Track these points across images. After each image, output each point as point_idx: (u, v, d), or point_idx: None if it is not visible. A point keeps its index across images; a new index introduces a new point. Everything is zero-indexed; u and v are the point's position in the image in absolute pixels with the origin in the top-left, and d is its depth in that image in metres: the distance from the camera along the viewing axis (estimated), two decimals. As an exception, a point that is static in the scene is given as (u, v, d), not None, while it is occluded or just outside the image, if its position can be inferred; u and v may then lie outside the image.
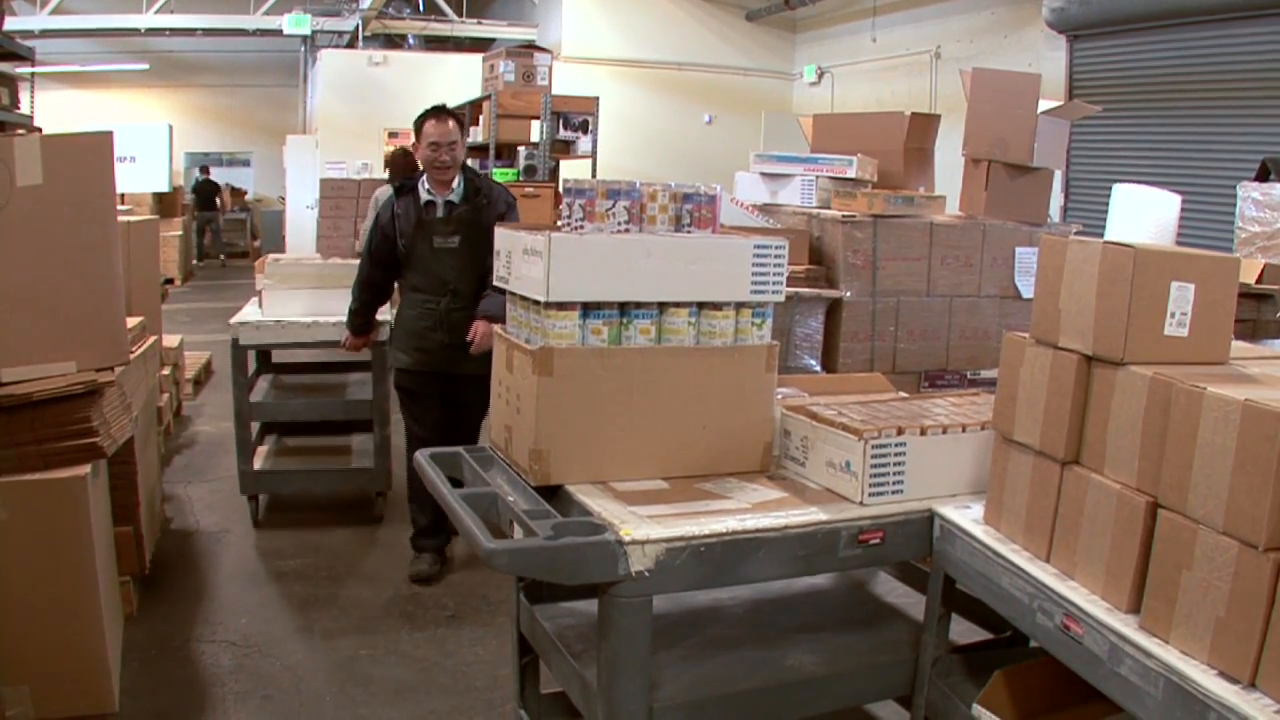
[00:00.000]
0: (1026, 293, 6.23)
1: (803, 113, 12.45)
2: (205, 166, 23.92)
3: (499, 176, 11.75)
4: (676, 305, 3.22)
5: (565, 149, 12.19)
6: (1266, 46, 10.92)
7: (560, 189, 10.98)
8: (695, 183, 3.40)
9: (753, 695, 3.17)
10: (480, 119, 12.95)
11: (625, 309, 3.18)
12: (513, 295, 3.36)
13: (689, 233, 3.30)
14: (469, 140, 13.47)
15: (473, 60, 15.27)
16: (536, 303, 3.14)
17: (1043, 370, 2.78)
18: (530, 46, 14.07)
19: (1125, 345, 2.54)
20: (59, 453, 4.02)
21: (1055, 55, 13.37)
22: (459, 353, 5.30)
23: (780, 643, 3.43)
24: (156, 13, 19.59)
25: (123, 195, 14.26)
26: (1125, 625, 2.42)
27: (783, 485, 3.26)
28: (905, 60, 16.65)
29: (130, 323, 5.01)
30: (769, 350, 3.35)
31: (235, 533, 6.28)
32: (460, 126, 5.64)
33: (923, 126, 6.95)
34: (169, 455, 7.78)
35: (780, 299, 3.36)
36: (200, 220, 22.98)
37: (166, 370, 8.10)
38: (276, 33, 19.95)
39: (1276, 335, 6.49)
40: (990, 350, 6.21)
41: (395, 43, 20.87)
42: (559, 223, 3.34)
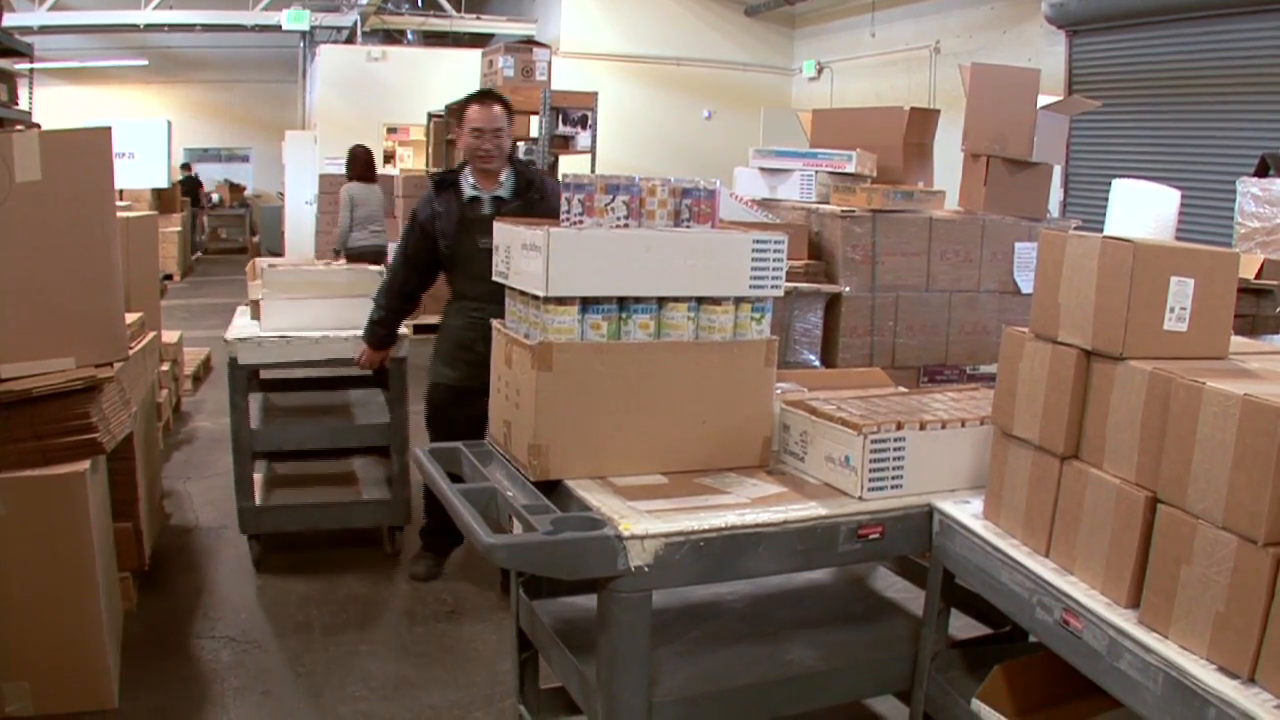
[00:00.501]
0: (1026, 288, 6.23)
1: (802, 108, 12.44)
2: (187, 164, 23.89)
3: (498, 171, 11.74)
4: (676, 300, 3.22)
5: (564, 144, 12.18)
6: (1266, 42, 10.92)
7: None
8: (694, 178, 3.40)
9: (752, 690, 3.18)
10: (479, 114, 12.92)
11: (624, 304, 3.18)
12: (512, 290, 3.36)
13: (688, 228, 3.30)
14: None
15: (472, 56, 15.26)
16: (536, 298, 3.14)
17: (1042, 365, 2.78)
18: (529, 42, 14.06)
19: (1124, 340, 2.54)
20: (58, 449, 4.02)
21: (1054, 50, 13.37)
22: None
23: (780, 638, 3.44)
24: (155, 8, 19.59)
25: (121, 191, 14.24)
26: (1125, 620, 2.42)
27: (782, 480, 3.26)
28: (904, 55, 16.64)
29: (129, 318, 5.00)
30: (768, 345, 3.35)
31: (234, 529, 6.24)
32: (508, 112, 5.19)
33: (922, 121, 6.95)
34: (168, 451, 7.77)
35: (779, 294, 3.36)
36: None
37: (166, 366, 8.08)
38: (275, 28, 19.95)
39: (1276, 330, 6.49)
40: (989, 345, 6.21)
41: (394, 38, 20.89)
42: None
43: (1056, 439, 2.72)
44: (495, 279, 3.48)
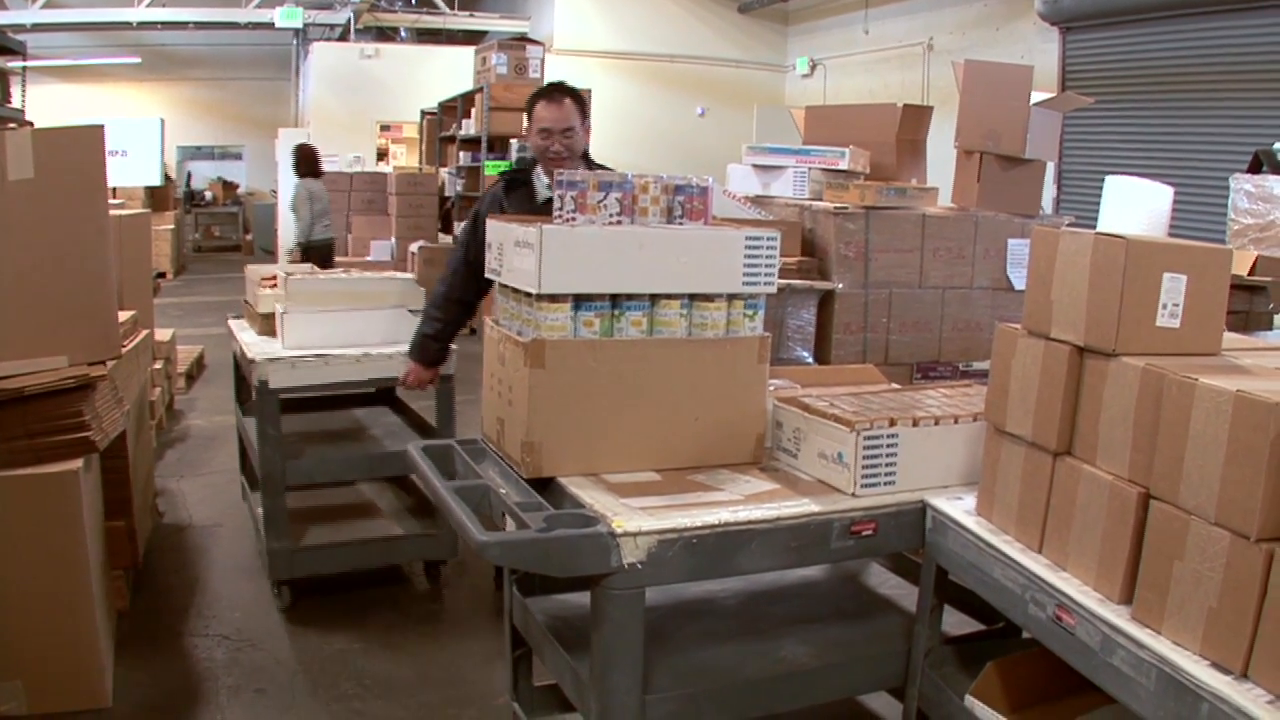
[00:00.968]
0: (1019, 284, 6.23)
1: (795, 105, 12.45)
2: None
3: (490, 169, 11.79)
4: (668, 297, 3.21)
5: (558, 141, 12.18)
6: (1259, 39, 10.95)
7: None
8: (687, 175, 3.39)
9: (745, 687, 3.18)
10: (472, 111, 12.98)
11: (617, 301, 3.18)
12: (504, 287, 3.36)
13: (681, 224, 3.29)
14: (463, 132, 13.53)
15: (465, 53, 15.29)
16: (528, 295, 3.14)
17: (1035, 361, 2.78)
18: (522, 39, 14.10)
19: (1117, 336, 2.54)
20: (51, 447, 4.01)
21: (1048, 47, 13.40)
22: None
23: (773, 634, 3.44)
24: (148, 6, 19.56)
25: (114, 189, 14.27)
26: (1117, 616, 2.42)
27: (775, 477, 3.26)
28: (898, 52, 16.67)
29: (122, 316, 5.00)
30: (761, 342, 3.34)
31: (228, 527, 6.27)
32: (580, 108, 4.72)
33: (915, 118, 6.94)
34: (161, 449, 7.77)
35: (772, 290, 3.36)
36: None
37: (159, 364, 8.09)
38: (268, 26, 19.93)
39: (1269, 327, 6.50)
40: (982, 342, 6.21)
41: (387, 35, 20.88)
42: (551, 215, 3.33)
43: (1049, 435, 2.73)
44: (488, 275, 3.47)
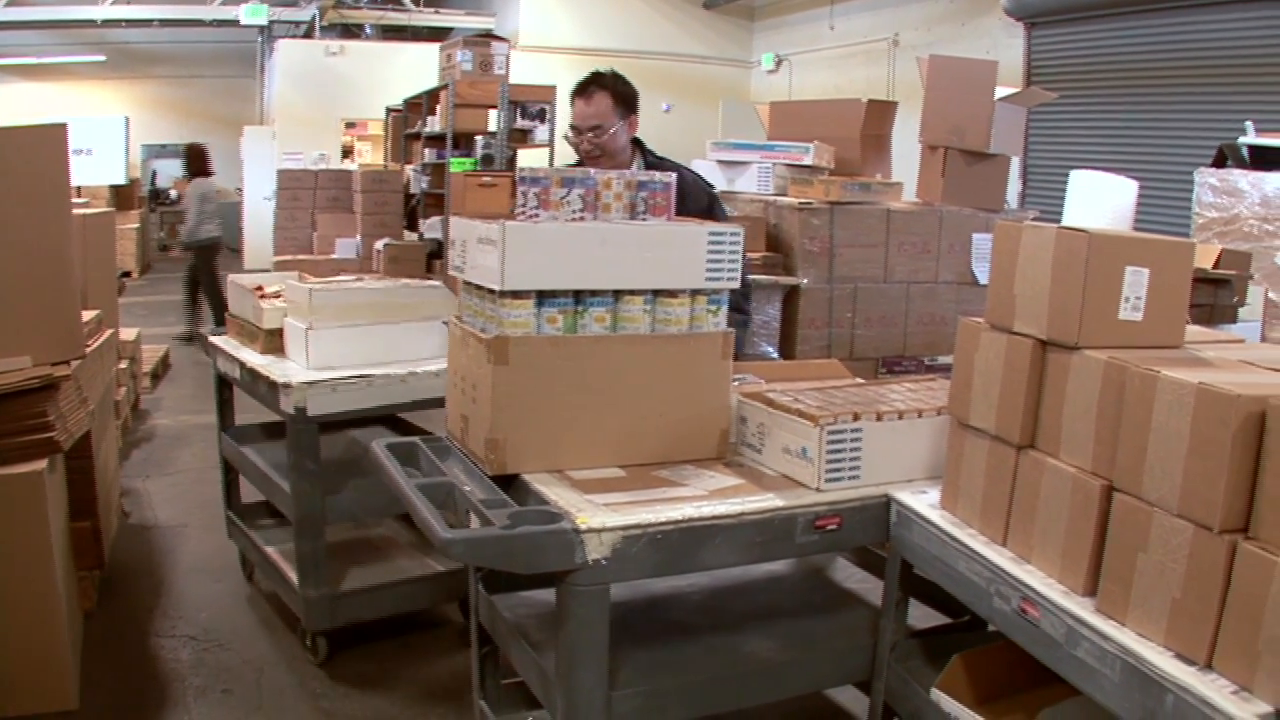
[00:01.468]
0: (983, 279, 6.25)
1: (760, 100, 12.48)
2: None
3: (455, 166, 11.75)
4: (632, 293, 3.20)
5: (523, 138, 12.20)
6: (1223, 34, 11.03)
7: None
8: (651, 170, 3.39)
9: (711, 682, 3.18)
10: (437, 108, 12.94)
11: (580, 297, 3.16)
12: (468, 284, 3.34)
13: (644, 220, 3.28)
14: (428, 129, 13.48)
15: (430, 50, 15.22)
16: (492, 291, 3.12)
17: (998, 355, 2.78)
18: (488, 35, 14.06)
19: (1080, 330, 2.54)
20: (15, 448, 3.98)
21: (1013, 43, 13.45)
22: None
23: (739, 629, 3.44)
24: (113, 4, 19.42)
25: (79, 188, 14.16)
26: (1082, 608, 2.42)
27: (739, 472, 3.25)
28: (863, 48, 16.71)
29: (86, 316, 4.97)
30: (724, 337, 3.34)
31: (194, 526, 6.23)
32: (617, 102, 4.37)
33: (880, 114, 6.97)
34: (127, 449, 7.72)
35: (736, 286, 3.35)
36: None
37: (124, 364, 8.05)
38: (233, 23, 19.80)
39: (1234, 320, 6.55)
40: (947, 336, 6.24)
41: (352, 32, 20.80)
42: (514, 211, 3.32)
43: (1012, 429, 2.73)
44: (451, 273, 3.46)
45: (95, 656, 4.60)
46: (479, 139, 12.17)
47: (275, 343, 4.80)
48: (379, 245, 13.29)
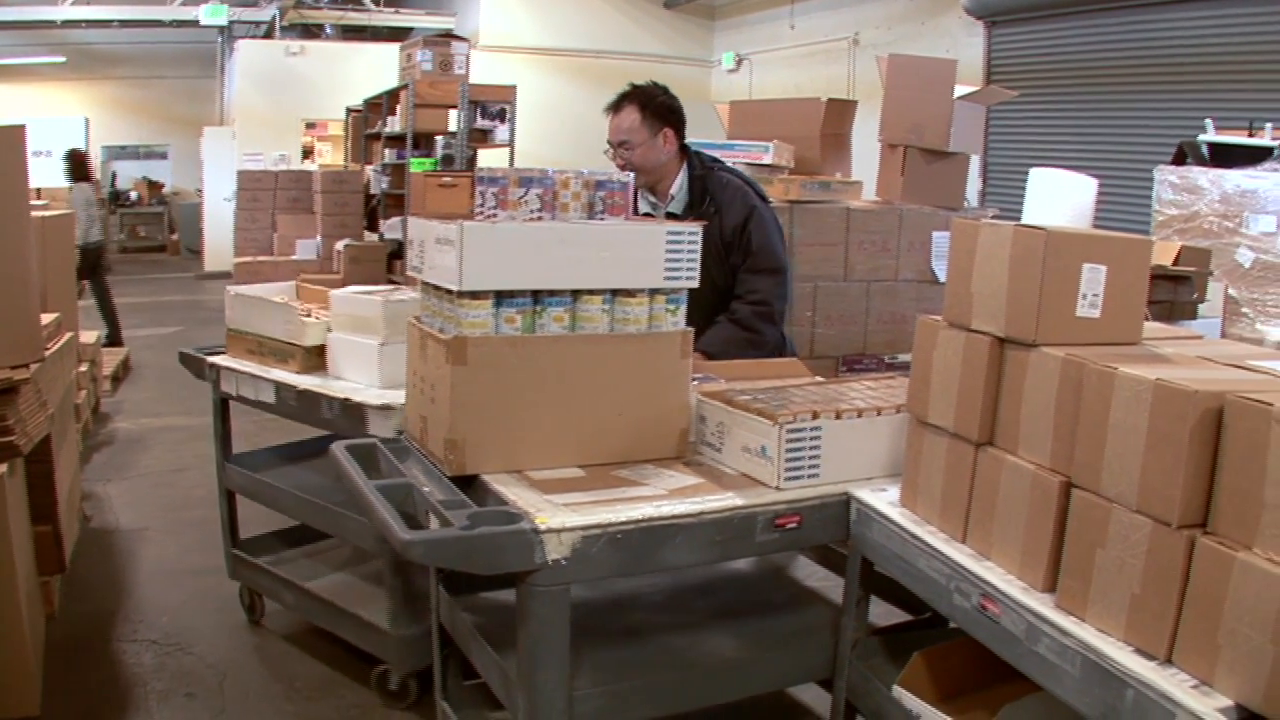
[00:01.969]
0: (943, 277, 6.23)
1: (721, 100, 12.48)
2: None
3: (415, 166, 11.72)
4: (590, 292, 3.19)
5: (483, 138, 12.16)
6: (1182, 32, 11.12)
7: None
8: (609, 170, 3.38)
9: (673, 681, 3.17)
10: (397, 108, 12.91)
11: (539, 297, 3.15)
12: (426, 285, 3.33)
13: (602, 220, 3.28)
14: (388, 130, 13.44)
15: (390, 50, 15.20)
16: (450, 292, 3.11)
17: (956, 353, 2.78)
18: (448, 35, 14.03)
19: (1037, 327, 2.55)
20: (-27, 452, 3.95)
21: (973, 41, 13.52)
22: None
23: (700, 628, 3.44)
24: (73, 4, 19.29)
25: (38, 190, 14.10)
26: (1042, 604, 2.42)
27: (699, 471, 3.25)
28: (824, 47, 16.75)
29: (46, 319, 4.93)
30: (683, 336, 3.33)
31: (156, 530, 6.20)
32: (649, 115, 4.34)
33: (839, 112, 6.99)
34: (88, 453, 7.67)
35: (694, 285, 3.34)
36: None
37: (84, 367, 7.98)
38: (193, 24, 19.71)
39: (1194, 316, 6.59)
40: (908, 334, 6.19)
41: (313, 33, 20.75)
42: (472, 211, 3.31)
43: (971, 426, 2.73)
44: (409, 273, 3.44)
45: (57, 662, 4.57)
46: (439, 139, 12.14)
47: (315, 361, 4.41)
48: (339, 246, 13.24)
